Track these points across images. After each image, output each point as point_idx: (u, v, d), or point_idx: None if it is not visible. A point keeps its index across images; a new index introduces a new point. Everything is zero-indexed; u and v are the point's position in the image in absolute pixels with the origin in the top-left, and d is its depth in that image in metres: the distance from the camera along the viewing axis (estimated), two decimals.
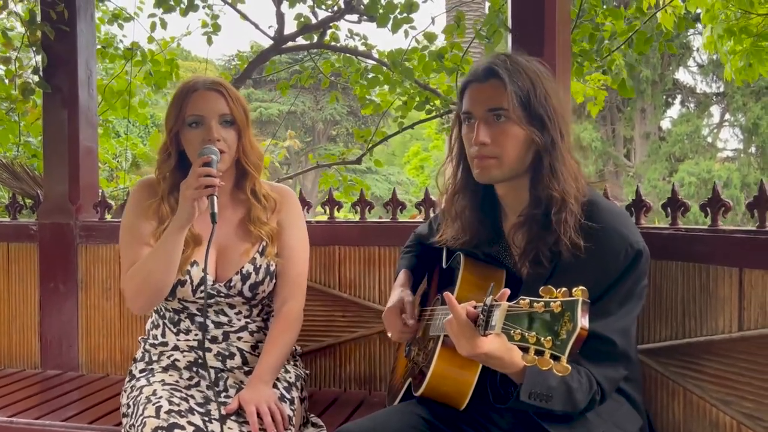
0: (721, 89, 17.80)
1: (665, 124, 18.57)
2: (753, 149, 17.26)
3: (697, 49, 17.25)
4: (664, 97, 17.97)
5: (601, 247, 1.30)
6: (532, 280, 1.36)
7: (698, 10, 5.28)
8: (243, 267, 1.75)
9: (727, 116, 18.24)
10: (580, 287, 1.01)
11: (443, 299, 1.56)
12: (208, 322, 1.76)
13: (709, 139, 18.32)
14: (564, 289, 1.03)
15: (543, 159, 1.34)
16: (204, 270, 1.61)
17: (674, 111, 18.95)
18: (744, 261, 1.48)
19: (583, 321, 0.98)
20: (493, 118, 1.36)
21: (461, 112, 1.42)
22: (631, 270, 1.30)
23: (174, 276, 1.66)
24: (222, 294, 1.74)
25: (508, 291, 1.15)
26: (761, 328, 1.43)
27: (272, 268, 1.78)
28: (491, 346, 1.15)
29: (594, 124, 17.04)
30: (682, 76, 18.63)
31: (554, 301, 1.02)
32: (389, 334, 1.66)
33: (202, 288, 1.71)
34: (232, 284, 1.74)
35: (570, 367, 0.98)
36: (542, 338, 1.01)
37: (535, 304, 1.05)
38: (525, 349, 1.04)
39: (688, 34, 15.88)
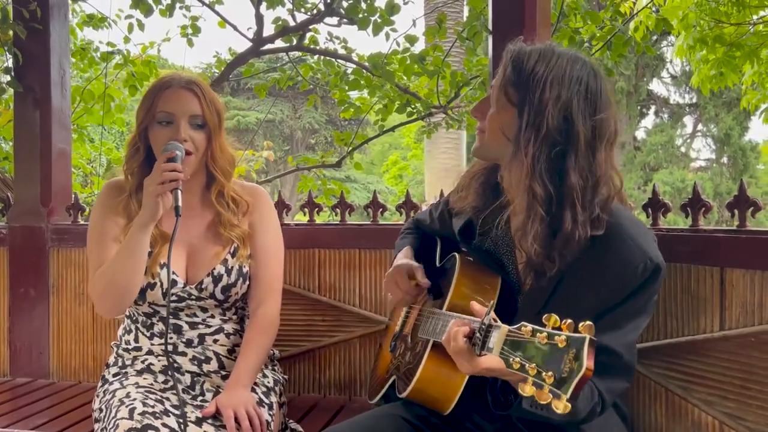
0: (694, 100, 18.14)
1: (640, 134, 18.85)
2: (725, 159, 17.59)
3: (671, 61, 17.56)
4: (639, 107, 18.24)
5: (618, 259, 1.24)
6: (534, 291, 1.31)
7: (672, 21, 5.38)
8: (214, 269, 1.71)
9: (699, 127, 18.59)
10: (587, 322, 0.96)
11: (434, 299, 1.54)
12: (183, 323, 1.72)
13: (683, 149, 18.64)
14: (569, 321, 0.98)
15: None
16: (168, 267, 1.55)
17: (648, 121, 19.25)
18: (725, 260, 1.48)
19: (588, 361, 0.93)
20: (493, 94, 1.36)
21: None
22: (647, 285, 1.25)
23: (141, 276, 1.62)
24: (193, 297, 1.70)
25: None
26: (742, 327, 1.43)
27: (245, 270, 1.74)
28: (490, 363, 1.10)
29: None
30: (656, 87, 18.90)
31: (559, 335, 0.97)
32: (390, 296, 1.61)
33: (173, 291, 1.67)
34: (203, 286, 1.70)
35: (570, 405, 0.93)
36: (543, 372, 0.96)
37: (538, 334, 0.99)
38: (524, 379, 1.00)
39: (662, 46, 16.16)
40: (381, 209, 2.25)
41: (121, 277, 1.60)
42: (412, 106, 4.01)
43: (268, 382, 1.75)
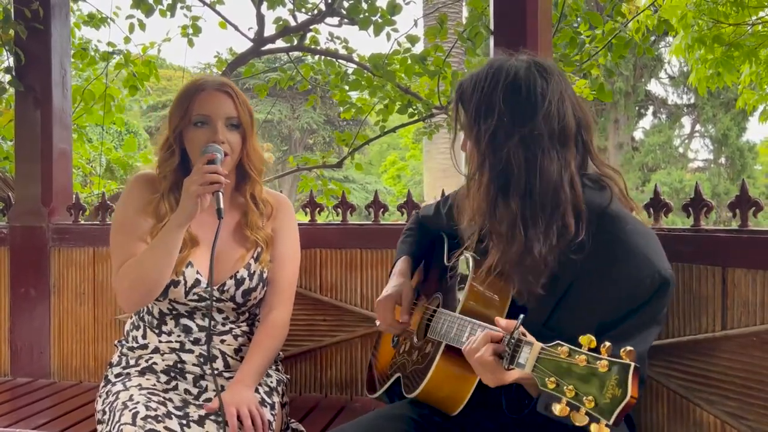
0: (692, 101, 18.19)
1: (638, 134, 18.90)
2: (722, 159, 17.64)
3: (669, 61, 17.61)
4: (637, 108, 18.28)
5: (626, 273, 1.21)
6: (542, 297, 1.28)
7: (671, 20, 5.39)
8: (238, 272, 1.72)
9: (697, 127, 18.64)
10: (628, 348, 0.95)
11: (444, 300, 1.53)
12: (193, 325, 1.72)
13: (681, 150, 18.69)
14: (608, 344, 0.96)
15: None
16: (211, 265, 1.55)
17: (647, 122, 19.30)
18: (727, 260, 1.48)
19: (633, 389, 0.92)
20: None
21: None
22: (656, 298, 1.21)
23: (170, 274, 1.63)
24: (214, 298, 1.71)
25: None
26: (744, 326, 1.44)
27: (265, 276, 1.76)
28: (517, 377, 1.10)
29: None
30: (654, 87, 18.99)
31: (600, 359, 0.95)
32: (377, 323, 1.64)
33: (195, 290, 1.68)
34: (225, 288, 1.71)
35: (608, 431, 0.93)
36: (583, 396, 0.95)
37: (576, 356, 0.98)
38: (557, 398, 0.98)
39: (660, 47, 16.19)
40: (382, 209, 2.25)
41: (152, 273, 1.60)
42: (413, 107, 4.00)
43: (271, 382, 1.76)
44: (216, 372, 1.71)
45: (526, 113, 1.24)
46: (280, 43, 4.18)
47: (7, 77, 2.68)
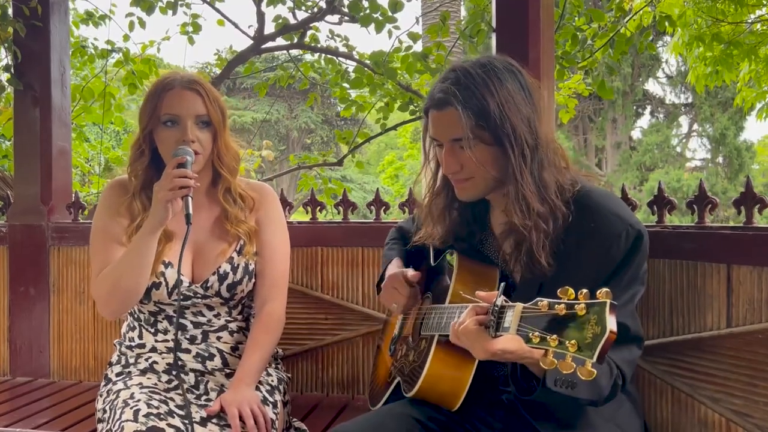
0: (690, 100, 18.21)
1: (636, 134, 18.90)
2: (720, 159, 17.64)
3: (666, 61, 17.61)
4: (635, 107, 18.29)
5: (600, 231, 1.28)
6: (526, 281, 1.33)
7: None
8: (220, 267, 1.70)
9: (695, 126, 18.65)
10: (604, 289, 0.97)
11: (434, 297, 1.53)
12: (187, 322, 1.71)
13: (678, 149, 18.70)
14: (585, 290, 0.99)
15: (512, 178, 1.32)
16: (178, 272, 1.55)
17: (644, 121, 19.31)
18: (732, 257, 1.48)
19: (611, 324, 0.93)
20: (457, 146, 1.35)
21: (429, 135, 1.41)
22: (634, 253, 1.28)
23: (147, 279, 1.61)
24: (199, 295, 1.69)
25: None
26: (749, 324, 1.43)
27: (251, 267, 1.74)
28: (505, 344, 1.10)
29: (566, 133, 17.27)
30: (651, 87, 18.98)
31: (578, 304, 0.97)
32: (393, 306, 1.61)
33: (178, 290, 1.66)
34: (209, 285, 1.69)
35: (595, 371, 0.93)
36: (566, 341, 0.96)
37: (555, 306, 1.00)
38: (543, 352, 1.00)
39: (658, 45, 16.20)
40: (384, 207, 2.24)
41: (127, 280, 1.59)
42: (414, 104, 4.00)
43: (272, 381, 1.74)
44: (214, 369, 1.70)
45: (533, 89, 1.37)
46: (280, 41, 4.16)
47: (6, 75, 2.67)
